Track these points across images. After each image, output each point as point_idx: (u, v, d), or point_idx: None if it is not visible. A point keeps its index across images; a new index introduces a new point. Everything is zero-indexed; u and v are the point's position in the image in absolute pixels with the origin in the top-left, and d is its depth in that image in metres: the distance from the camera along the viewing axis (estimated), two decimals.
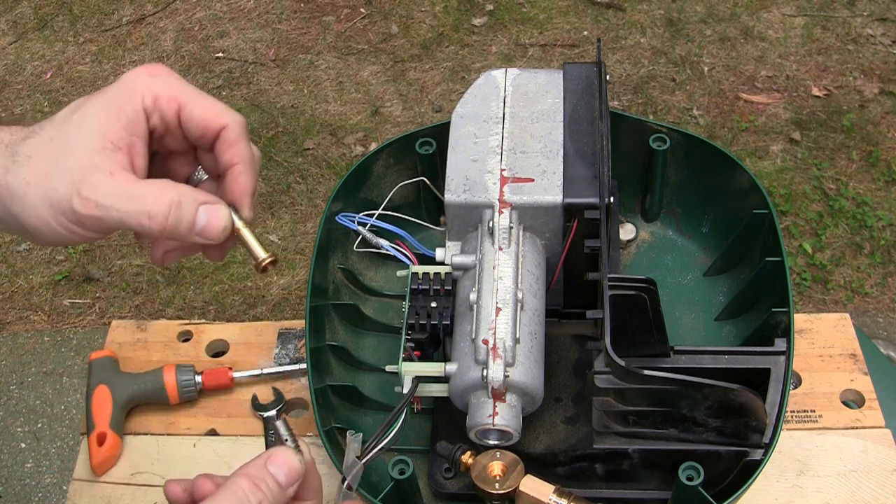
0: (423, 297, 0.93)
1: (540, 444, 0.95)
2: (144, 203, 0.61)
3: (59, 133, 0.63)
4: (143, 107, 0.64)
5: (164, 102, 0.64)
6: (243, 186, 0.65)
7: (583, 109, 1.00)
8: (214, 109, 0.65)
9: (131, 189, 0.61)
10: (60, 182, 0.61)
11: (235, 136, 0.65)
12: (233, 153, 0.65)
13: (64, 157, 0.62)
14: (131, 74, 0.65)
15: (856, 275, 2.34)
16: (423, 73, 2.87)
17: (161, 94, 0.64)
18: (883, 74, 2.74)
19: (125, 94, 0.64)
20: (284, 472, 0.62)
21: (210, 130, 0.65)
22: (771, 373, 0.91)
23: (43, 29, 3.13)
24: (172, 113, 0.64)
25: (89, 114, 0.63)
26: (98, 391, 1.10)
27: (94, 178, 0.61)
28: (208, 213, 0.63)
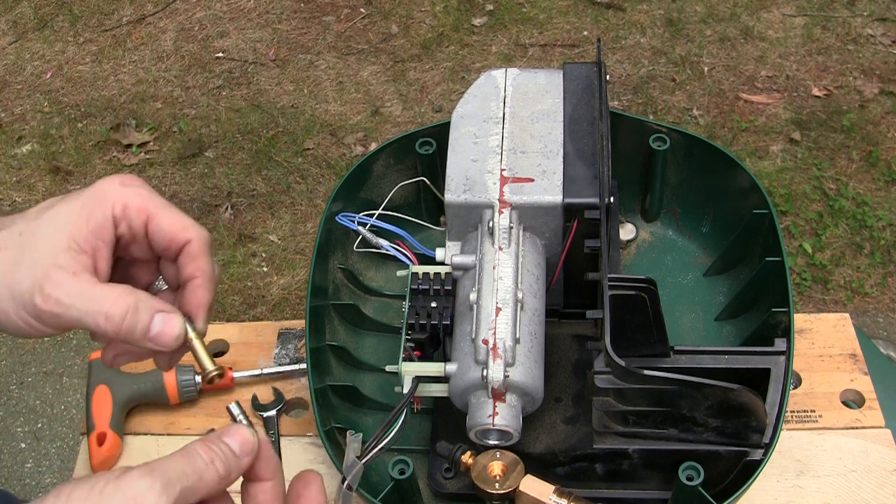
0: (423, 297, 0.93)
1: (540, 444, 0.95)
2: (103, 305, 0.63)
3: (29, 228, 0.66)
4: (112, 214, 0.66)
5: (133, 212, 0.67)
6: (200, 299, 0.68)
7: (583, 109, 1.00)
8: (181, 223, 0.67)
9: (91, 291, 0.63)
10: (25, 276, 0.63)
11: (198, 251, 0.68)
12: (194, 266, 0.68)
13: (31, 252, 0.64)
14: (104, 182, 0.68)
15: (856, 275, 2.34)
16: (423, 73, 2.87)
17: (131, 204, 0.67)
18: (883, 74, 2.74)
19: (97, 199, 0.66)
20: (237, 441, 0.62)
21: (175, 243, 0.67)
22: (771, 373, 0.91)
23: (43, 29, 3.13)
24: (140, 223, 0.67)
25: (60, 213, 0.66)
26: (98, 391, 1.10)
27: (57, 277, 0.63)
28: (163, 321, 0.65)
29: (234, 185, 2.64)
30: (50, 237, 0.65)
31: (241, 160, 2.70)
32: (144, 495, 0.54)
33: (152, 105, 2.87)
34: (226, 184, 2.65)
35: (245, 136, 2.76)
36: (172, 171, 2.69)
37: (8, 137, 2.82)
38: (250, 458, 0.62)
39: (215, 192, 2.64)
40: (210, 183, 2.66)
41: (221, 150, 2.73)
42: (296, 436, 1.08)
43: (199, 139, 2.76)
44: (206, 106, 2.85)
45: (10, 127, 2.85)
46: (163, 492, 0.55)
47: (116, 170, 2.71)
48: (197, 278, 0.68)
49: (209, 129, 2.78)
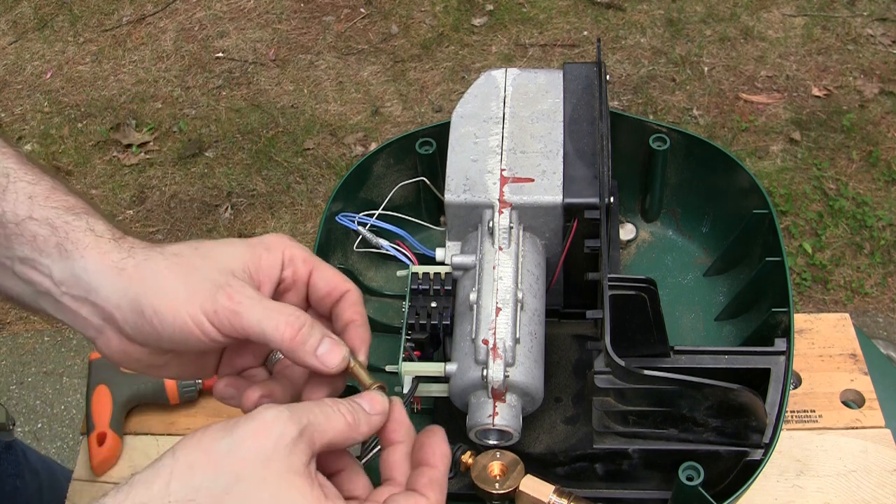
0: (423, 297, 0.93)
1: (540, 444, 0.95)
2: (280, 316, 0.66)
3: (205, 246, 0.70)
4: (282, 258, 0.72)
5: (299, 261, 0.73)
6: (363, 335, 0.73)
7: (583, 109, 1.00)
8: (340, 276, 0.74)
9: (269, 302, 0.67)
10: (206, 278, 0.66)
11: (356, 300, 0.74)
12: (354, 311, 0.73)
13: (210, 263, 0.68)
14: (274, 235, 0.73)
15: (856, 275, 2.34)
16: (423, 73, 2.87)
17: (298, 255, 0.73)
18: (883, 74, 2.74)
19: (267, 244, 0.72)
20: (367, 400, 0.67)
21: (336, 291, 0.74)
22: (771, 373, 0.91)
23: (43, 29, 3.13)
24: (305, 272, 0.73)
25: (235, 244, 0.71)
26: (98, 391, 1.10)
27: (238, 284, 0.67)
28: (331, 345, 0.69)
29: (234, 185, 2.64)
30: (226, 259, 0.69)
31: (241, 160, 2.70)
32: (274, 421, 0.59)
33: (152, 105, 2.87)
34: (226, 184, 2.65)
35: (245, 136, 2.76)
36: (172, 171, 2.70)
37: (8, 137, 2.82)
38: (381, 417, 0.67)
39: (215, 192, 2.64)
40: (210, 183, 2.66)
41: (221, 150, 2.73)
42: None
43: (199, 139, 2.76)
44: (206, 106, 2.85)
45: (10, 127, 2.85)
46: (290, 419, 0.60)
47: (116, 170, 2.71)
48: (357, 321, 0.73)
49: (209, 129, 2.79)
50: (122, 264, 0.66)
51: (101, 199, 2.64)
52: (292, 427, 0.60)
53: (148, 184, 2.67)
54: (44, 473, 1.25)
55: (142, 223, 2.58)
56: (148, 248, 0.68)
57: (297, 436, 0.60)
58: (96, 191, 2.66)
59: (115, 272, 0.66)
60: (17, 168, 0.71)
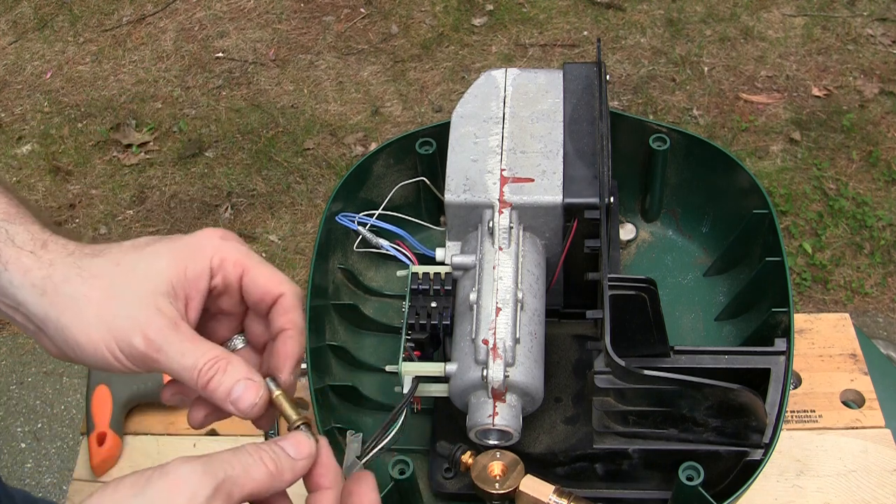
0: (423, 297, 0.93)
1: (540, 444, 0.95)
2: (198, 361, 0.64)
3: (126, 260, 0.66)
4: (210, 266, 0.68)
5: (229, 265, 0.68)
6: (290, 350, 0.69)
7: (583, 109, 1.00)
8: (276, 278, 0.69)
9: (190, 345, 0.65)
10: (124, 312, 0.64)
11: (291, 305, 0.69)
12: (286, 319, 0.69)
13: (129, 288, 0.64)
14: (204, 234, 0.69)
15: (856, 275, 2.34)
16: (423, 73, 2.87)
17: (228, 258, 0.68)
18: (883, 74, 2.74)
19: (196, 249, 0.68)
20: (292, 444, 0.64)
21: (269, 296, 0.69)
22: (771, 373, 0.91)
23: (43, 29, 3.13)
24: (236, 276, 0.69)
25: (160, 255, 0.67)
26: (98, 391, 1.10)
27: (159, 323, 0.64)
28: (245, 387, 0.65)
29: (234, 185, 2.64)
30: (149, 277, 0.65)
31: (241, 160, 2.70)
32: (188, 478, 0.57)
33: (152, 105, 2.87)
34: (226, 184, 2.65)
35: (245, 136, 2.76)
36: (172, 171, 2.70)
37: (8, 137, 2.82)
38: (308, 461, 0.64)
39: (215, 192, 2.64)
40: (210, 183, 2.66)
41: (221, 150, 2.73)
42: None
43: (199, 139, 2.76)
44: (206, 106, 2.85)
45: (10, 127, 2.85)
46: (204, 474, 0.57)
47: (116, 170, 2.71)
48: (288, 330, 0.69)
49: (209, 129, 2.78)
50: (42, 284, 0.64)
51: (101, 199, 2.64)
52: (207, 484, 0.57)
53: (148, 184, 2.67)
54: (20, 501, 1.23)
55: (142, 223, 2.58)
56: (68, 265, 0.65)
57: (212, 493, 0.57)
58: (96, 191, 2.66)
59: (37, 292, 0.65)
60: None
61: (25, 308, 0.65)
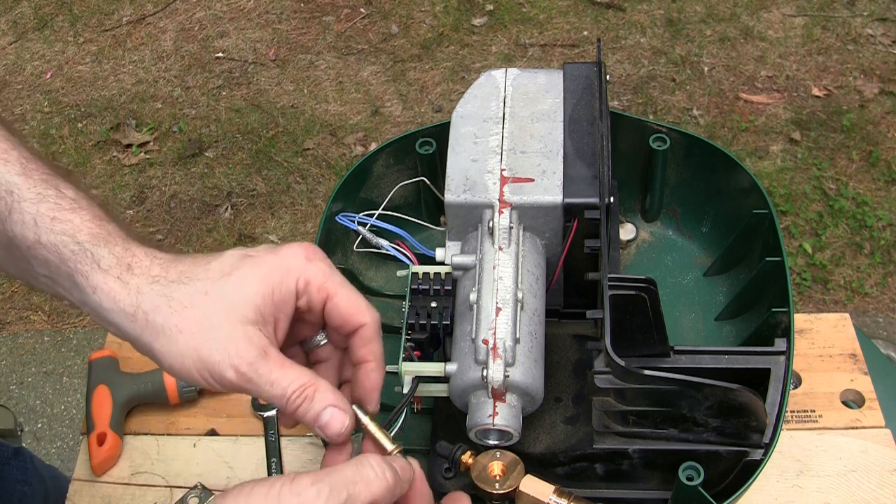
0: (423, 297, 0.93)
1: (540, 444, 0.95)
2: (287, 389, 0.67)
3: (215, 289, 0.67)
4: (295, 289, 0.69)
5: (314, 289, 0.70)
6: (374, 382, 0.72)
7: (583, 109, 1.00)
8: (357, 307, 0.71)
9: (278, 373, 0.67)
10: (217, 346, 0.66)
11: (371, 335, 0.72)
12: (367, 350, 0.72)
13: (219, 318, 0.66)
14: (290, 252, 0.70)
15: (856, 275, 2.34)
16: (423, 73, 2.87)
17: (313, 281, 0.70)
18: (883, 74, 2.74)
19: (282, 271, 0.69)
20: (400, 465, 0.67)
21: (349, 325, 0.71)
22: (771, 373, 0.91)
23: (43, 29, 3.13)
24: (320, 301, 0.71)
25: (247, 281, 0.68)
26: (98, 391, 1.10)
27: (250, 356, 0.66)
28: (331, 416, 0.68)
29: (234, 185, 2.64)
30: (237, 306, 0.67)
31: (241, 160, 2.70)
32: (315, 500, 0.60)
33: (152, 105, 2.87)
34: (226, 184, 2.65)
35: (245, 136, 2.76)
36: (172, 171, 2.70)
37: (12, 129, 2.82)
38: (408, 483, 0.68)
39: (215, 192, 2.64)
40: (210, 183, 2.66)
41: (221, 150, 2.73)
42: (296, 436, 1.08)
43: (199, 139, 2.76)
44: (206, 106, 2.85)
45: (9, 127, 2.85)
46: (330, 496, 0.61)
47: (116, 170, 2.71)
48: (370, 362, 0.72)
49: (209, 129, 2.79)
50: (132, 312, 0.67)
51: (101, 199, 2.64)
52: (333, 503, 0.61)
53: (148, 184, 2.67)
54: (50, 482, 1.25)
55: (142, 223, 2.58)
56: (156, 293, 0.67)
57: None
58: (96, 191, 2.66)
59: (127, 318, 0.67)
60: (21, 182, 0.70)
61: (116, 328, 0.68)
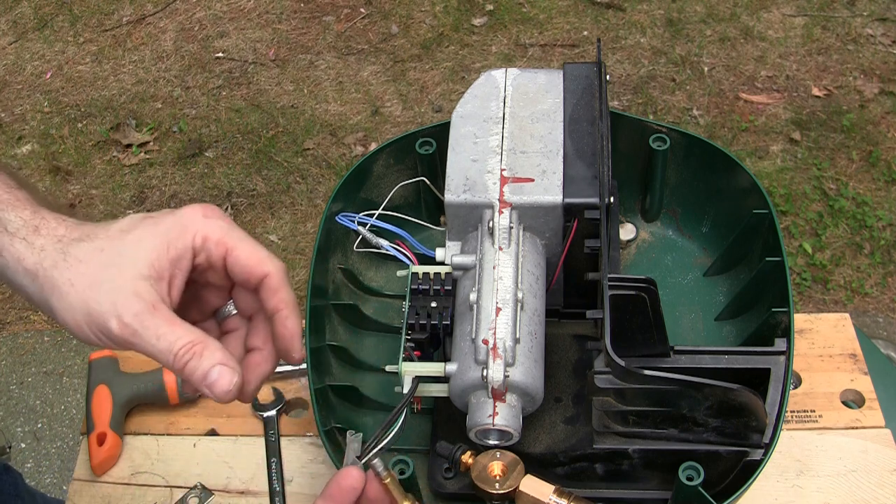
0: (423, 297, 0.93)
1: (540, 444, 0.95)
2: (174, 345, 0.66)
3: (111, 247, 0.68)
4: (192, 245, 0.69)
5: (212, 244, 0.70)
6: (292, 329, 0.71)
7: (583, 109, 1.00)
8: (258, 257, 0.71)
9: (165, 328, 0.66)
10: (104, 298, 0.66)
11: (278, 283, 0.71)
12: (277, 299, 0.71)
13: (111, 272, 0.67)
14: (187, 211, 0.70)
15: (856, 275, 2.34)
16: (423, 73, 2.87)
17: (211, 237, 0.70)
18: (883, 74, 2.74)
19: (179, 229, 0.69)
20: None
21: (253, 276, 0.71)
22: (771, 373, 0.91)
23: (43, 29, 3.13)
24: (219, 255, 0.70)
25: (143, 238, 0.68)
26: (98, 391, 1.10)
27: (136, 307, 0.66)
28: (220, 373, 0.67)
29: (234, 185, 2.64)
30: (131, 261, 0.67)
31: (241, 160, 2.70)
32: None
33: (152, 105, 2.87)
34: (226, 184, 2.65)
35: (245, 136, 2.76)
36: (172, 171, 2.70)
37: (8, 137, 2.82)
38: None
39: (215, 192, 2.64)
40: (210, 183, 2.66)
41: (221, 150, 2.73)
42: (296, 436, 1.08)
43: (199, 139, 2.76)
44: (206, 106, 2.85)
45: (10, 127, 2.85)
46: None
47: (116, 170, 2.71)
48: (283, 310, 0.71)
49: (209, 129, 2.78)
50: (34, 269, 0.67)
51: (101, 199, 2.64)
52: None
53: (148, 184, 2.67)
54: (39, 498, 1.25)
55: None
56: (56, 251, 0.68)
57: None
58: (96, 191, 2.66)
59: (29, 277, 0.68)
60: None
61: (20, 289, 0.69)
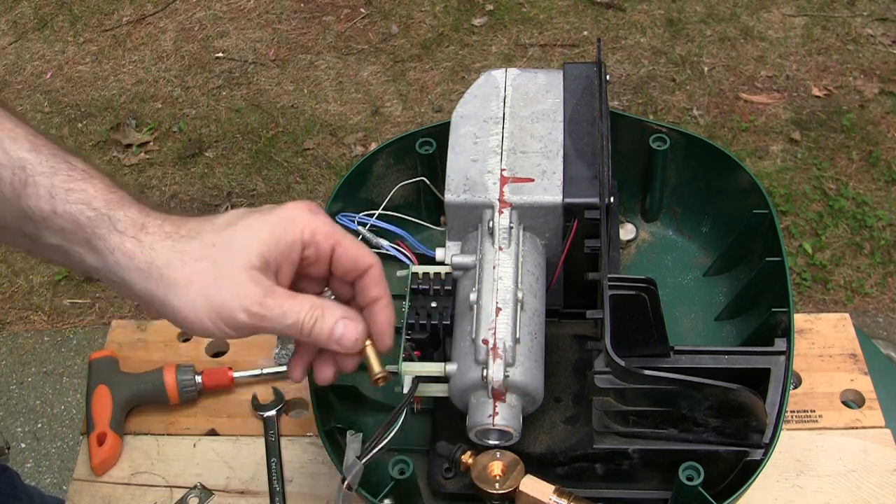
0: (423, 297, 0.93)
1: (540, 444, 0.95)
2: (298, 315, 0.72)
3: (221, 239, 0.71)
4: (301, 239, 0.73)
5: (321, 237, 0.74)
6: (387, 317, 0.77)
7: (583, 109, 1.00)
8: (364, 250, 0.76)
9: (287, 303, 0.71)
10: (226, 292, 0.70)
11: (379, 275, 0.77)
12: (377, 290, 0.77)
13: (227, 267, 0.70)
14: (294, 207, 0.74)
15: (856, 275, 2.34)
16: (423, 73, 2.87)
17: (320, 230, 0.74)
18: (883, 74, 2.74)
19: (288, 222, 0.73)
20: None
21: (359, 267, 0.76)
22: (771, 373, 0.91)
23: (43, 29, 3.13)
24: (328, 248, 0.75)
25: (253, 227, 0.72)
26: (98, 391, 1.10)
27: (258, 295, 0.70)
28: (345, 326, 0.74)
29: (234, 185, 2.64)
30: (243, 253, 0.71)
31: (241, 160, 2.70)
32: None
33: (152, 105, 2.87)
34: (226, 184, 2.65)
35: (245, 136, 2.76)
36: (172, 171, 2.70)
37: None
38: None
39: (215, 192, 2.64)
40: (210, 183, 2.66)
41: (221, 150, 2.73)
42: (296, 436, 1.08)
43: (199, 139, 2.76)
44: (206, 106, 2.85)
45: None
46: None
47: (116, 170, 2.71)
48: (382, 299, 0.77)
49: (209, 129, 2.78)
50: (147, 269, 0.69)
51: None
52: None
53: (148, 184, 2.67)
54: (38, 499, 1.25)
55: None
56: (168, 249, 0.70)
57: None
58: None
59: (142, 275, 0.70)
60: (33, 158, 0.71)
61: (132, 286, 0.71)
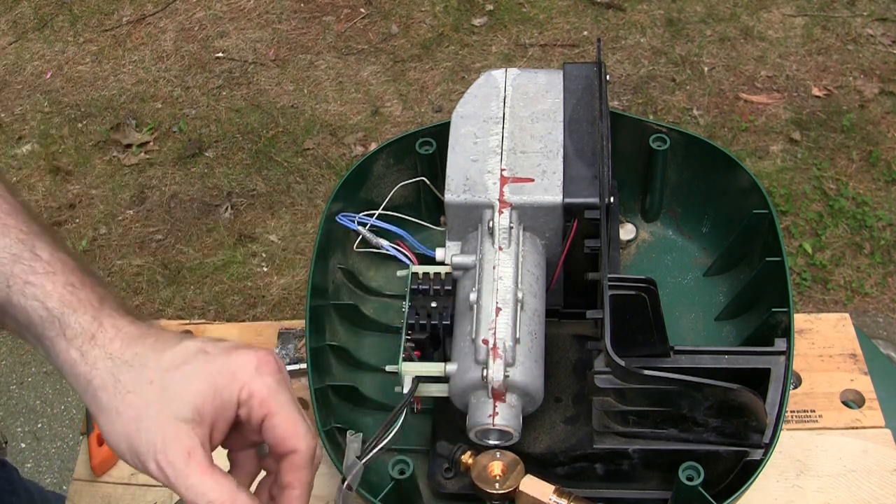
0: (423, 297, 0.93)
1: (540, 444, 0.95)
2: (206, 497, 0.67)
3: (159, 380, 0.69)
4: (237, 398, 0.69)
5: (255, 403, 0.69)
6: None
7: (583, 109, 1.00)
8: (294, 430, 0.70)
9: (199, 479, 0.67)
10: (145, 437, 0.67)
11: (302, 463, 0.70)
12: (294, 477, 0.71)
13: (155, 409, 0.68)
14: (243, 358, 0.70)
15: (856, 275, 2.34)
16: (423, 73, 2.87)
17: (256, 395, 0.69)
18: (883, 74, 2.74)
19: (228, 377, 0.69)
20: None
21: (282, 447, 0.70)
22: (771, 373, 0.91)
23: (43, 29, 3.13)
24: (259, 416, 0.70)
25: (191, 379, 0.69)
26: None
27: (173, 453, 0.67)
28: None
29: (234, 185, 2.64)
30: (177, 401, 0.68)
31: (241, 160, 2.70)
32: None
33: (152, 105, 2.87)
34: (226, 184, 2.65)
35: (245, 136, 2.76)
36: (172, 171, 2.70)
37: (8, 137, 2.82)
38: None
39: (215, 192, 2.64)
40: (210, 183, 2.66)
41: (221, 150, 2.73)
42: None
43: (199, 139, 2.76)
44: (206, 106, 2.85)
45: (10, 127, 2.85)
46: None
47: (116, 170, 2.71)
48: (295, 489, 0.71)
49: (209, 129, 2.78)
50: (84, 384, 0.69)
51: (101, 199, 2.64)
52: None
53: (148, 184, 2.67)
54: (36, 494, 1.25)
55: (142, 223, 2.58)
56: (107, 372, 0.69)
57: None
58: (96, 191, 2.66)
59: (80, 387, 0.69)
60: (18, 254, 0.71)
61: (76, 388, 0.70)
